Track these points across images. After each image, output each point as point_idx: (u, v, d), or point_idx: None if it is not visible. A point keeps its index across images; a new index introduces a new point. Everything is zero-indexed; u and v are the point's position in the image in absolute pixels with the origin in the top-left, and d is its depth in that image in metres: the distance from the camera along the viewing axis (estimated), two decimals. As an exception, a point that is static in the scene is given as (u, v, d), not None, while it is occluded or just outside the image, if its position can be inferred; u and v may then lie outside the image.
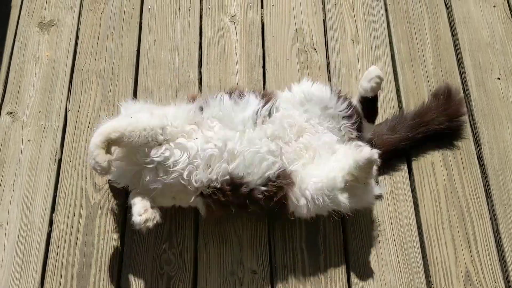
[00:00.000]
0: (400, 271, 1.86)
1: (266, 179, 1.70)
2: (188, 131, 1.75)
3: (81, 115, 2.15)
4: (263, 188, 1.69)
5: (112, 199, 1.97)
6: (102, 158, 1.63)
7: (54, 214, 1.97)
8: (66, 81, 2.22)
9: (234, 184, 1.70)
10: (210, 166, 1.70)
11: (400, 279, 1.85)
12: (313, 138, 1.78)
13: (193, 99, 1.87)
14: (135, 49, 2.30)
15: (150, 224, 1.69)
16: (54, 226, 1.94)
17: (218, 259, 1.87)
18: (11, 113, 2.15)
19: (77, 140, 2.10)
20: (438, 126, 1.99)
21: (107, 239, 1.91)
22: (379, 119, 2.11)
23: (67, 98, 2.19)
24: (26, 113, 2.15)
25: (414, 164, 2.04)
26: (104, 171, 1.65)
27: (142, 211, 1.70)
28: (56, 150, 2.08)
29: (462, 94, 2.13)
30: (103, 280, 1.85)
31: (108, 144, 1.67)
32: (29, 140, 2.10)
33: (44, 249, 1.91)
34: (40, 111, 2.16)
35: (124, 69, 2.25)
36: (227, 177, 1.69)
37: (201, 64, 2.27)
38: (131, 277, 1.86)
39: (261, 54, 2.28)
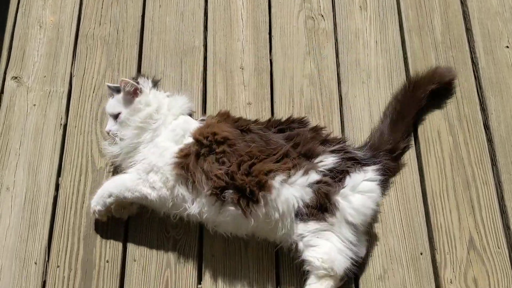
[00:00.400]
0: (404, 237, 1.87)
1: None
2: None
3: (86, 81, 2.14)
4: None
5: (118, 164, 1.98)
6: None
7: (60, 178, 1.98)
8: (70, 46, 2.21)
9: None
10: None
11: (404, 245, 1.86)
12: None
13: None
14: (140, 14, 2.28)
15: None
16: (61, 190, 1.96)
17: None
18: (16, 78, 2.15)
19: (82, 106, 2.09)
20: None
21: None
22: (385, 89, 2.11)
23: (72, 64, 2.18)
24: (31, 78, 2.15)
25: (420, 132, 2.03)
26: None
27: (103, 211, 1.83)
28: (62, 115, 2.08)
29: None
30: (110, 242, 1.87)
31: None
32: (34, 105, 2.10)
33: (50, 212, 1.92)
34: (45, 76, 2.15)
35: (129, 35, 2.23)
36: None
37: (207, 30, 2.25)
38: (137, 240, 1.87)
39: (267, 20, 2.26)
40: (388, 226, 1.89)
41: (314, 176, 1.70)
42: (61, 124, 2.06)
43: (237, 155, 1.70)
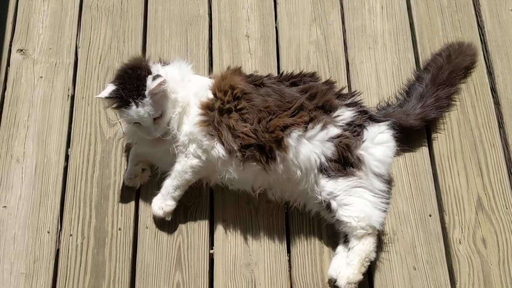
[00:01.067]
0: (413, 198, 1.89)
1: None
2: None
3: (91, 52, 2.13)
4: None
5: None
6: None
7: (69, 149, 1.99)
8: (75, 17, 2.20)
9: None
10: None
11: (413, 207, 1.88)
12: None
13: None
14: (144, -16, 2.26)
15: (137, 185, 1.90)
16: (70, 161, 1.97)
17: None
18: (21, 50, 2.14)
19: (89, 76, 2.09)
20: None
21: (124, 172, 1.93)
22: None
23: (77, 35, 2.17)
24: (37, 50, 2.14)
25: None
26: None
27: (132, 176, 1.88)
28: (69, 86, 2.08)
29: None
30: (121, 210, 1.89)
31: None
32: (41, 77, 2.10)
33: (61, 182, 1.94)
34: (50, 48, 2.14)
35: (133, 5, 2.22)
36: None
37: (211, -2, 2.24)
38: (148, 208, 1.88)
39: (272, -12, 2.25)
40: (397, 188, 1.90)
41: (333, 130, 1.71)
42: (68, 95, 2.06)
43: (256, 110, 1.70)
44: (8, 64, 2.12)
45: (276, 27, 2.19)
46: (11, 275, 1.81)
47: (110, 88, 1.66)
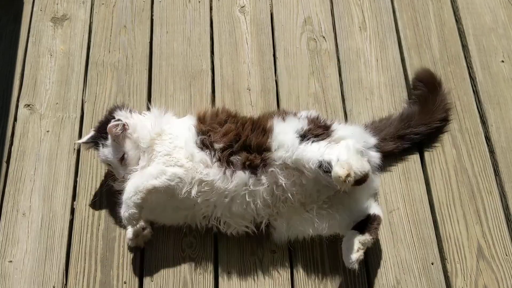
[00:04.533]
0: (415, 247, 1.92)
1: None
2: None
3: (97, 106, 2.20)
4: None
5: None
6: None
7: (75, 202, 2.02)
8: (81, 73, 2.27)
9: None
10: None
11: (415, 255, 1.91)
12: None
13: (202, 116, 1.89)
14: (148, 41, 2.35)
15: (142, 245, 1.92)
16: (76, 214, 1.99)
17: (237, 240, 1.92)
18: (28, 105, 2.20)
19: (94, 130, 2.14)
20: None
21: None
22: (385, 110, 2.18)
23: (83, 90, 2.24)
24: (44, 105, 2.20)
25: (424, 145, 2.10)
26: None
27: (132, 237, 1.89)
28: (75, 141, 2.12)
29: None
30: (127, 264, 1.90)
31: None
32: (48, 131, 2.15)
33: (67, 236, 1.95)
34: (57, 103, 2.20)
35: (138, 61, 2.30)
36: None
37: (213, 54, 2.32)
38: (153, 261, 1.90)
39: (271, 43, 2.34)
40: (398, 237, 1.93)
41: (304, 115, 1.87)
42: (74, 149, 2.11)
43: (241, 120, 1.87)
44: (15, 119, 2.17)
45: (276, 80, 2.27)
46: (15, 332, 1.80)
47: (89, 134, 1.93)
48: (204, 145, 1.80)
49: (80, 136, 2.14)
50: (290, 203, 1.80)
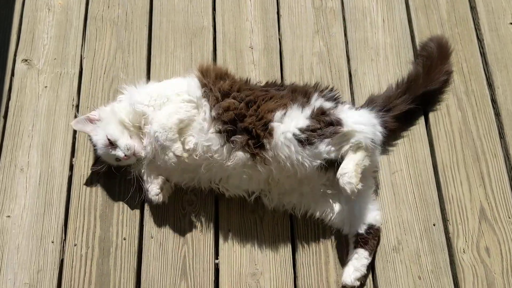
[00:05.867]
0: (417, 208, 1.91)
1: None
2: None
3: (96, 62, 2.15)
4: None
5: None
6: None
7: (74, 159, 1.99)
8: (80, 28, 2.22)
9: None
10: None
11: (417, 216, 1.89)
12: None
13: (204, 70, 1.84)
14: (148, -4, 2.29)
15: (166, 200, 1.85)
16: (75, 170, 1.96)
17: (238, 198, 1.90)
18: (26, 60, 2.15)
19: (93, 87, 2.10)
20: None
21: (129, 181, 1.92)
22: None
23: (82, 45, 2.19)
24: (41, 60, 2.15)
25: (429, 107, 2.06)
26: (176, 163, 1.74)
27: (158, 191, 1.81)
28: (74, 97, 2.08)
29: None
30: (126, 220, 1.89)
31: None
32: (46, 87, 2.10)
33: (66, 192, 1.93)
34: (55, 59, 2.15)
35: (138, 17, 2.24)
36: None
37: (215, 10, 2.26)
38: (153, 218, 1.89)
39: (275, 0, 2.28)
40: (401, 198, 1.92)
41: (309, 108, 1.76)
42: (73, 105, 2.07)
43: (246, 91, 1.79)
44: (12, 74, 2.13)
45: (279, 39, 2.21)
46: (14, 285, 1.79)
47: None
48: (207, 96, 1.76)
49: (79, 92, 2.09)
50: (286, 182, 1.80)
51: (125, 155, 1.78)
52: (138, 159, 1.81)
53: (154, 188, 1.81)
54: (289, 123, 1.71)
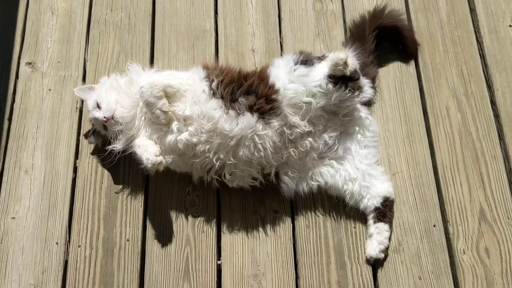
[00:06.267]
0: (417, 209, 1.93)
1: None
2: None
3: (99, 65, 2.17)
4: None
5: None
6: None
7: (78, 161, 2.01)
8: (83, 32, 2.24)
9: None
10: None
11: (418, 217, 1.91)
12: None
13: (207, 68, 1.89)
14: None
15: (161, 167, 1.77)
16: (79, 172, 1.99)
17: (240, 199, 1.92)
18: (30, 63, 2.17)
19: (97, 89, 2.12)
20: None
21: (132, 183, 1.96)
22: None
23: (85, 49, 2.21)
24: (45, 63, 2.17)
25: (429, 108, 2.09)
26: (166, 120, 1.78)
27: (158, 153, 1.76)
28: (77, 99, 2.10)
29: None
30: (130, 221, 1.91)
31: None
32: (50, 89, 2.12)
33: (70, 193, 1.95)
34: (59, 62, 2.18)
35: (141, 20, 2.27)
36: None
37: (217, 13, 2.28)
38: (156, 219, 1.91)
39: (276, 4, 2.30)
40: (401, 200, 1.94)
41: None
42: (77, 108, 2.09)
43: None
44: (17, 77, 2.15)
45: (280, 42, 2.23)
46: (19, 286, 1.82)
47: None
48: (209, 79, 1.83)
49: (82, 94, 2.12)
50: (300, 147, 1.84)
51: (104, 117, 1.83)
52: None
53: (154, 148, 1.77)
54: (285, 67, 1.86)
